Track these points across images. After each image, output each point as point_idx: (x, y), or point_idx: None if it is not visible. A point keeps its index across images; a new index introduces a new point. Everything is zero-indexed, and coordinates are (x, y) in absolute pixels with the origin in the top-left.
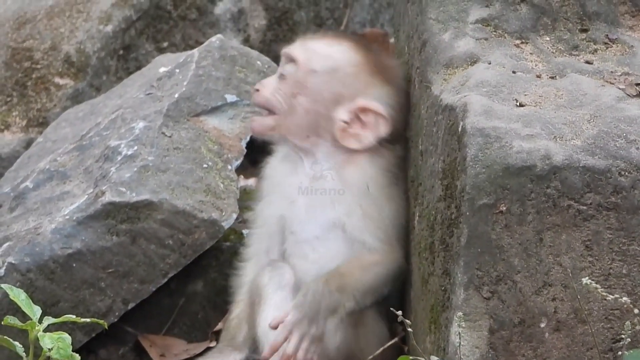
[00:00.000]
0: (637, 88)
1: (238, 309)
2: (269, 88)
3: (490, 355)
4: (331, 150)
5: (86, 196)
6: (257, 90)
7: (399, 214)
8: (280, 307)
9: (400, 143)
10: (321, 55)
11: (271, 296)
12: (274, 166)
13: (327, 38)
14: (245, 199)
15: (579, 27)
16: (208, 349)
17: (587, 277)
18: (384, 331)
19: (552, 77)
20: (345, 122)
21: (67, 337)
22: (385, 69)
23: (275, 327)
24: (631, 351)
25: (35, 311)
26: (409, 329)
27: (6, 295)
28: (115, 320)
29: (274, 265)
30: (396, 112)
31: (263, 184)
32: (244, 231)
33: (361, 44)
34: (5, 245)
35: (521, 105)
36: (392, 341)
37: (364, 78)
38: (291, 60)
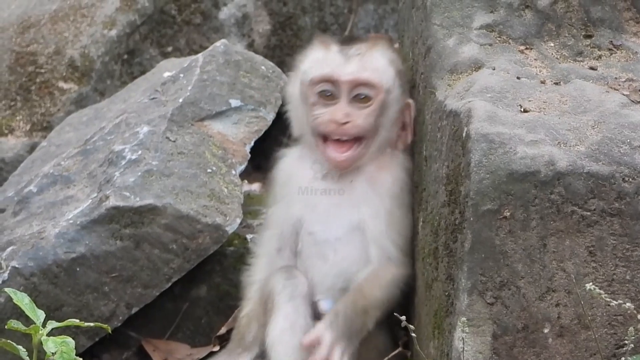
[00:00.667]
0: None
1: (248, 307)
2: (358, 117)
3: None
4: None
5: (90, 200)
6: (344, 121)
7: (412, 221)
8: (292, 317)
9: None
10: (385, 71)
11: (284, 306)
12: (290, 168)
13: (374, 48)
14: (249, 204)
15: (583, 33)
16: (211, 353)
17: (590, 283)
18: (387, 338)
19: (556, 83)
20: (405, 129)
21: (70, 341)
22: (399, 56)
23: (306, 347)
24: (634, 357)
25: (38, 315)
26: (413, 334)
27: (10, 299)
28: (119, 324)
29: (289, 273)
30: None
31: (277, 186)
32: (248, 236)
33: (391, 44)
34: (9, 249)
35: (525, 111)
36: (396, 351)
37: (401, 76)
38: (365, 84)
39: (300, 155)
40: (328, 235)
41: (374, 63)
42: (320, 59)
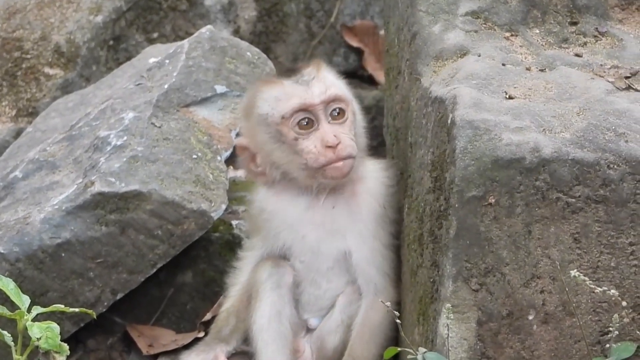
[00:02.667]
0: (627, 81)
1: (228, 304)
2: (344, 136)
3: (478, 347)
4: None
5: (75, 186)
6: (337, 142)
7: (398, 232)
8: (278, 305)
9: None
10: (341, 84)
11: (268, 294)
12: (272, 206)
13: (323, 67)
14: (235, 190)
15: (568, 20)
16: (196, 339)
17: (575, 270)
18: None
19: (541, 70)
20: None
21: (55, 327)
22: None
23: None
24: (619, 344)
25: (24, 301)
26: (398, 321)
27: None
28: (104, 310)
29: (275, 263)
30: None
31: (259, 224)
32: (234, 222)
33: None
34: None
35: (510, 97)
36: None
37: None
38: (339, 100)
39: (277, 191)
40: (319, 265)
41: (330, 79)
42: (281, 95)
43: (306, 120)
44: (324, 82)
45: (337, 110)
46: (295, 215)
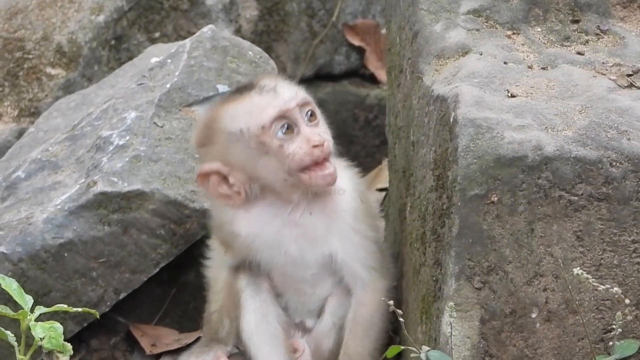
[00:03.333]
0: (629, 79)
1: (217, 304)
2: (324, 134)
3: (481, 345)
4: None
5: (78, 186)
6: (322, 140)
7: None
8: (262, 309)
9: None
10: (299, 88)
11: (250, 301)
12: (247, 224)
13: (276, 80)
14: None
15: (570, 18)
16: (199, 338)
17: (578, 268)
18: None
19: (543, 68)
20: None
21: (58, 327)
22: None
23: None
24: (622, 342)
25: (27, 301)
26: (401, 319)
27: None
28: (107, 310)
29: (251, 269)
30: None
31: (230, 241)
32: None
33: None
34: None
35: (512, 96)
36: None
37: None
38: (309, 103)
39: (250, 212)
40: (303, 274)
41: (291, 87)
42: (252, 108)
43: (286, 125)
44: (288, 88)
45: (310, 112)
46: (274, 233)
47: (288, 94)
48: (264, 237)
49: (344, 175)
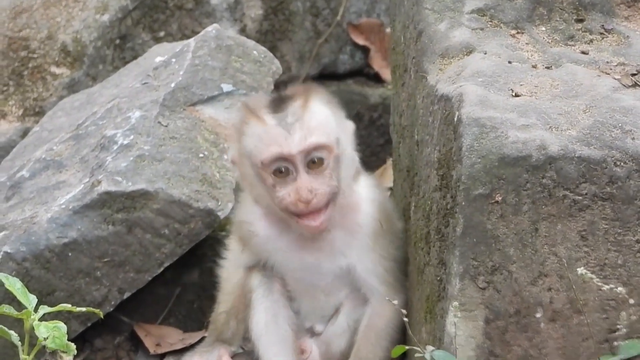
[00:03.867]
0: (633, 78)
1: (226, 305)
2: (321, 186)
3: (486, 345)
4: (345, 194)
5: (82, 185)
6: (311, 197)
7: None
8: (273, 310)
9: None
10: (328, 124)
11: (261, 301)
12: (263, 229)
13: (308, 105)
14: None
15: (574, 18)
16: (203, 338)
17: (582, 268)
18: None
19: (547, 67)
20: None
21: (62, 326)
22: (324, 91)
23: None
24: (627, 342)
25: (30, 300)
26: (405, 319)
27: (1, 284)
28: (111, 309)
29: (264, 269)
30: None
31: (247, 240)
32: None
33: (311, 86)
34: (0, 234)
35: (517, 95)
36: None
37: (336, 109)
38: (317, 149)
39: (267, 215)
40: (317, 282)
41: (315, 121)
42: (262, 137)
43: (283, 168)
44: (307, 127)
45: (316, 159)
46: (291, 240)
47: (298, 137)
48: (280, 242)
49: (365, 190)
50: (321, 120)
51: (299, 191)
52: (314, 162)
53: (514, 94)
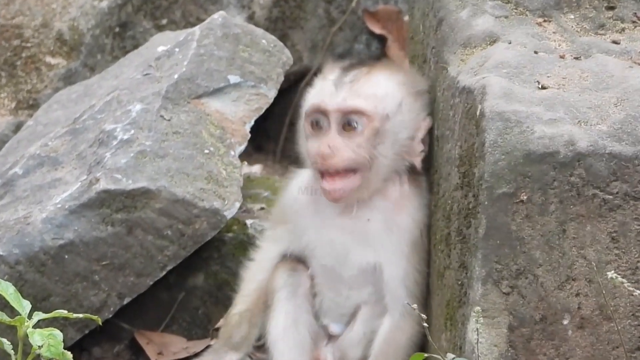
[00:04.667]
0: None
1: (242, 306)
2: (345, 148)
3: (509, 354)
4: (390, 188)
5: (79, 183)
6: (330, 154)
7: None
8: (294, 315)
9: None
10: (384, 97)
11: (283, 303)
12: (303, 197)
13: (371, 76)
14: (249, 187)
15: (605, 5)
16: (208, 346)
17: (612, 271)
18: None
19: (576, 58)
20: (423, 151)
21: (58, 334)
22: (416, 81)
23: None
24: None
25: (24, 306)
26: (425, 324)
27: None
28: (110, 315)
29: (292, 268)
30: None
31: (287, 210)
32: (248, 221)
33: (392, 65)
34: None
35: (543, 87)
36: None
37: (416, 98)
38: (355, 113)
39: (313, 183)
40: (342, 272)
41: (369, 89)
42: (317, 89)
43: (319, 123)
44: (355, 90)
45: (352, 122)
46: (326, 216)
47: (342, 96)
48: (315, 215)
49: (418, 192)
50: (375, 90)
51: (321, 145)
52: (349, 125)
53: (540, 86)
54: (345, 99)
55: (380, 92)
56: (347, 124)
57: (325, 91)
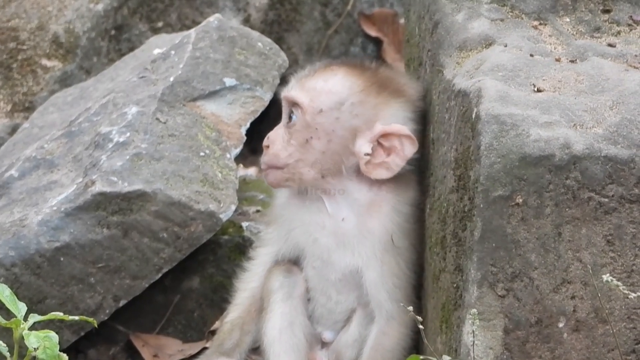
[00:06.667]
0: None
1: (234, 314)
2: (277, 143)
3: (505, 356)
4: (353, 188)
5: (75, 186)
6: (267, 146)
7: (418, 255)
8: (290, 316)
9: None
10: (321, 92)
11: (279, 305)
12: (287, 198)
13: (322, 72)
14: (245, 190)
15: (601, 8)
16: (204, 349)
17: (608, 274)
18: None
19: (572, 61)
20: (369, 154)
21: (54, 336)
22: (390, 82)
23: None
24: None
25: (20, 308)
26: (421, 326)
27: None
28: (106, 318)
29: (287, 271)
30: (417, 123)
31: (277, 207)
32: (244, 224)
33: (357, 66)
34: None
35: (539, 90)
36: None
37: (373, 101)
38: (294, 104)
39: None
40: (329, 275)
41: (312, 83)
42: None
43: (282, 112)
44: (302, 84)
45: (292, 114)
46: (307, 215)
47: (291, 85)
48: (299, 213)
49: (389, 196)
50: (316, 84)
51: (268, 135)
52: (289, 117)
53: (536, 90)
54: (289, 90)
55: (320, 87)
56: (289, 115)
57: (289, 84)
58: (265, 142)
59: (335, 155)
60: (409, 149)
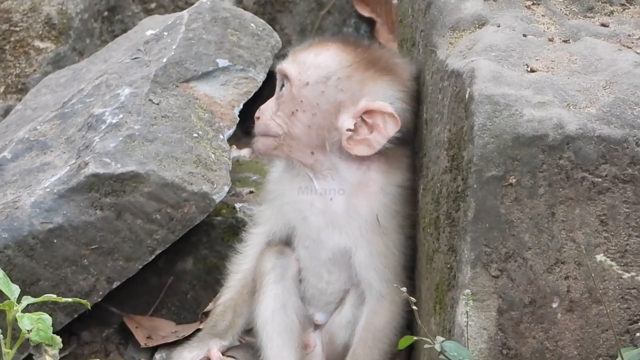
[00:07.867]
0: None
1: (226, 296)
2: (267, 113)
3: (498, 337)
4: (341, 166)
5: (68, 167)
6: (258, 117)
7: (407, 236)
8: (283, 298)
9: (410, 139)
10: (310, 65)
11: (272, 286)
12: (282, 170)
13: (315, 46)
14: (238, 171)
15: None
16: (198, 330)
17: (602, 254)
18: None
19: (565, 41)
20: (351, 130)
21: (47, 318)
22: (380, 60)
23: None
24: None
25: (13, 290)
26: (414, 307)
27: None
28: (99, 300)
29: (279, 252)
30: (405, 102)
31: (270, 184)
32: (237, 205)
33: (351, 43)
34: None
35: (532, 70)
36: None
37: (359, 77)
38: (284, 77)
39: (290, 165)
40: (320, 255)
41: (303, 57)
42: None
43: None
44: (295, 57)
45: (282, 86)
46: (297, 192)
47: (285, 58)
48: (290, 191)
49: (377, 176)
50: (306, 58)
51: (262, 106)
52: (280, 89)
53: (529, 70)
54: (283, 62)
55: (310, 61)
56: (281, 86)
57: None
58: (256, 114)
59: (320, 130)
60: (392, 128)
